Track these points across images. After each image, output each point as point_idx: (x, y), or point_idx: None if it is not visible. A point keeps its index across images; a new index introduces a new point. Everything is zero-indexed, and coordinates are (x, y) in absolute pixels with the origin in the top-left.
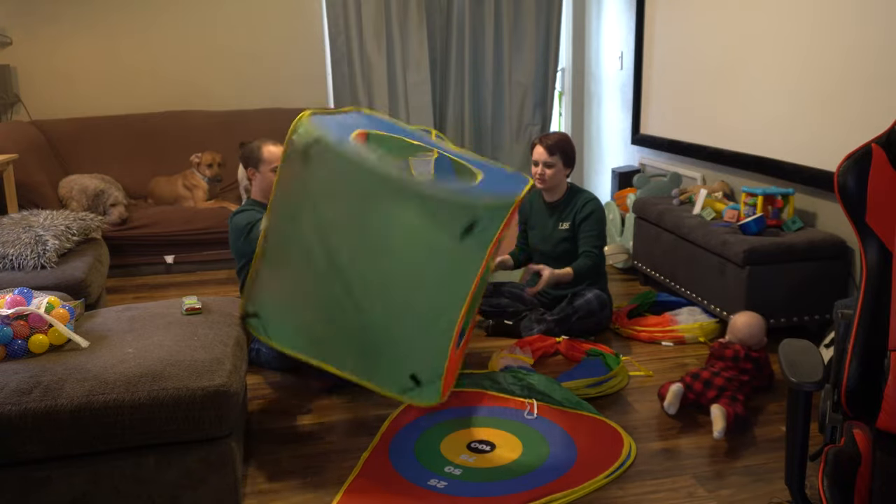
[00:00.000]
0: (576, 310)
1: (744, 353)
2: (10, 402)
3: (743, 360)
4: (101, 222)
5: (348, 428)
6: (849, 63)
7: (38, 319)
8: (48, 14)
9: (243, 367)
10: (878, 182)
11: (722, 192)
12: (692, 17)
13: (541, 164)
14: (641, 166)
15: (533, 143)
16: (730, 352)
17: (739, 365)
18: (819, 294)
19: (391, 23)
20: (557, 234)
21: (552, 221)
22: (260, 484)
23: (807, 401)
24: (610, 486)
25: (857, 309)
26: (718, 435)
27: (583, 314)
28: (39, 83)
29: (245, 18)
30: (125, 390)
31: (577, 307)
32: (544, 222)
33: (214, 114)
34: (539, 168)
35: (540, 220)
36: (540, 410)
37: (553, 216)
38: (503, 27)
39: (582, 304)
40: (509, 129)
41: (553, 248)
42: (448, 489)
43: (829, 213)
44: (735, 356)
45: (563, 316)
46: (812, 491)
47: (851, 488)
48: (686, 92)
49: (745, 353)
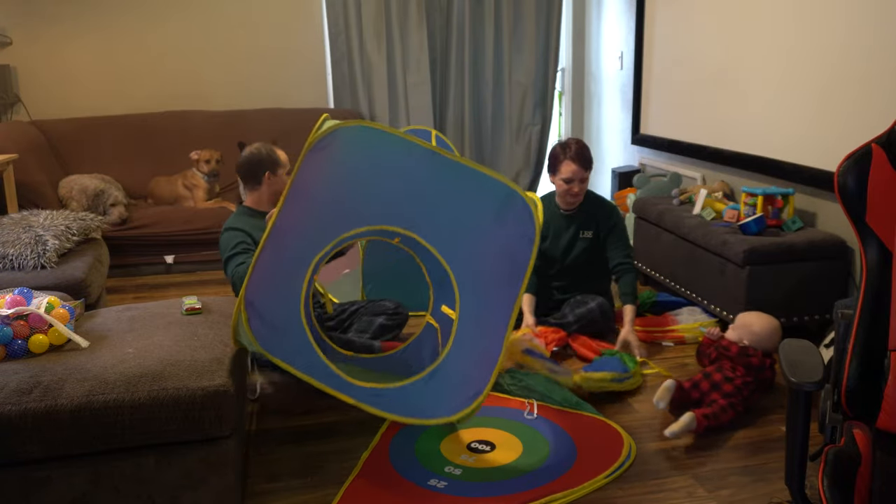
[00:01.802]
0: (577, 318)
1: (769, 363)
2: (10, 402)
3: (768, 368)
4: (101, 222)
5: (348, 428)
6: (849, 63)
7: (38, 319)
8: (48, 14)
9: (244, 367)
10: (878, 182)
11: (722, 192)
12: (692, 17)
13: (576, 181)
14: (641, 166)
15: (556, 159)
16: (756, 360)
17: (765, 374)
18: (819, 294)
19: (391, 23)
20: (579, 244)
21: (572, 230)
22: (260, 484)
23: (807, 401)
24: (610, 486)
25: (857, 309)
26: (669, 434)
27: (584, 323)
28: (39, 83)
29: (245, 18)
30: (125, 390)
31: (579, 316)
32: (561, 231)
33: (214, 114)
34: (574, 185)
35: (556, 230)
36: (540, 410)
37: (573, 224)
38: (503, 27)
39: (583, 314)
40: (509, 129)
41: (571, 256)
42: (448, 489)
43: (829, 213)
44: (761, 365)
45: (563, 323)
46: (812, 491)
47: (851, 488)
48: (686, 92)
49: (770, 363)
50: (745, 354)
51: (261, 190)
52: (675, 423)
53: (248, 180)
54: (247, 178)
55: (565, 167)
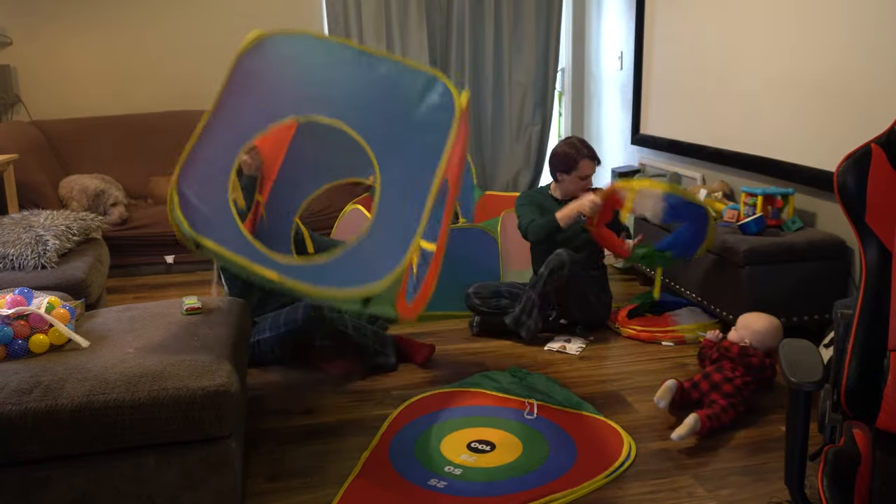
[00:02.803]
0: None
1: (769, 363)
2: (11, 401)
3: (768, 368)
4: (102, 222)
5: (348, 428)
6: (849, 63)
7: (39, 319)
8: (49, 14)
9: (244, 367)
10: (878, 182)
11: (722, 192)
12: (692, 17)
13: (591, 176)
14: (641, 166)
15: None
16: (756, 360)
17: (765, 374)
18: (819, 294)
19: (391, 23)
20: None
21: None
22: (260, 484)
23: (806, 401)
24: (610, 486)
25: (857, 309)
26: (676, 438)
27: (552, 267)
28: (40, 83)
29: (245, 18)
30: (125, 390)
31: (547, 262)
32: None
33: None
34: (589, 180)
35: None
36: (540, 410)
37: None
38: (503, 27)
39: (551, 258)
40: (509, 129)
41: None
42: (448, 489)
43: (829, 213)
44: (761, 365)
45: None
46: (812, 491)
47: (851, 488)
48: (686, 92)
49: (771, 363)
50: (745, 355)
51: None
52: (679, 427)
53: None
54: None
55: (585, 165)
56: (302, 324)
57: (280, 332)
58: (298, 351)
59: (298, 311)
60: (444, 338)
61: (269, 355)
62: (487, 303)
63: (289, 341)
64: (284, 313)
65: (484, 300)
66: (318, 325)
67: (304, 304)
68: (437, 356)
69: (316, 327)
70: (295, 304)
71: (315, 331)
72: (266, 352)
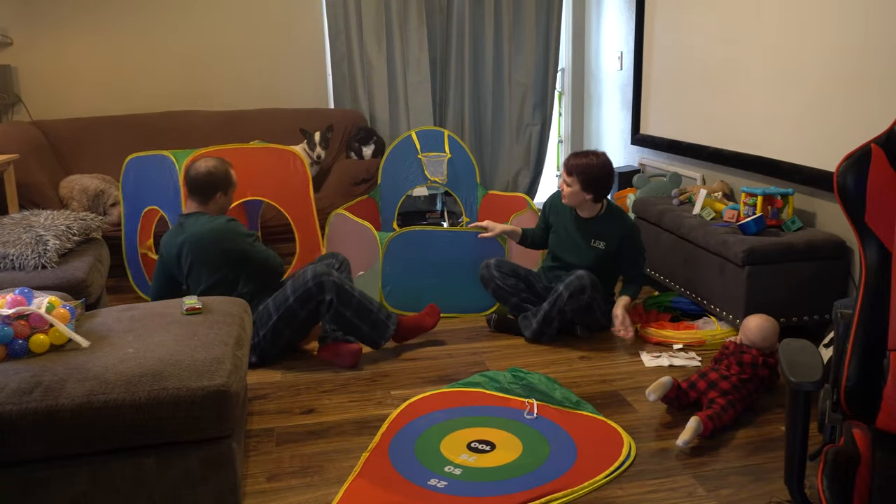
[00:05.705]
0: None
1: (762, 360)
2: (11, 401)
3: (761, 366)
4: (102, 222)
5: (348, 428)
6: (849, 63)
7: (39, 319)
8: (49, 14)
9: (244, 367)
10: (878, 182)
11: (721, 192)
12: (692, 17)
13: (563, 179)
14: (641, 166)
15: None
16: (748, 357)
17: (758, 371)
18: (819, 294)
19: (391, 23)
20: (590, 252)
21: (584, 237)
22: (260, 484)
23: (806, 400)
24: (610, 486)
25: (857, 309)
26: (682, 444)
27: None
28: (40, 83)
29: (245, 18)
30: (125, 390)
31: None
32: (573, 235)
33: (214, 114)
34: (561, 182)
35: (568, 231)
36: (540, 410)
37: (586, 232)
38: (503, 27)
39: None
40: (509, 129)
41: (585, 261)
42: (448, 489)
43: (829, 213)
44: (754, 362)
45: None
46: (811, 491)
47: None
48: (686, 92)
49: (764, 360)
50: (739, 352)
51: (207, 206)
52: (683, 432)
53: (198, 195)
54: (197, 193)
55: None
56: (312, 284)
57: (289, 304)
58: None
59: (307, 273)
60: (444, 338)
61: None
62: (505, 279)
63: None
64: (289, 284)
65: (503, 275)
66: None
67: (312, 267)
68: (438, 356)
69: (327, 287)
70: (303, 269)
71: (326, 291)
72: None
